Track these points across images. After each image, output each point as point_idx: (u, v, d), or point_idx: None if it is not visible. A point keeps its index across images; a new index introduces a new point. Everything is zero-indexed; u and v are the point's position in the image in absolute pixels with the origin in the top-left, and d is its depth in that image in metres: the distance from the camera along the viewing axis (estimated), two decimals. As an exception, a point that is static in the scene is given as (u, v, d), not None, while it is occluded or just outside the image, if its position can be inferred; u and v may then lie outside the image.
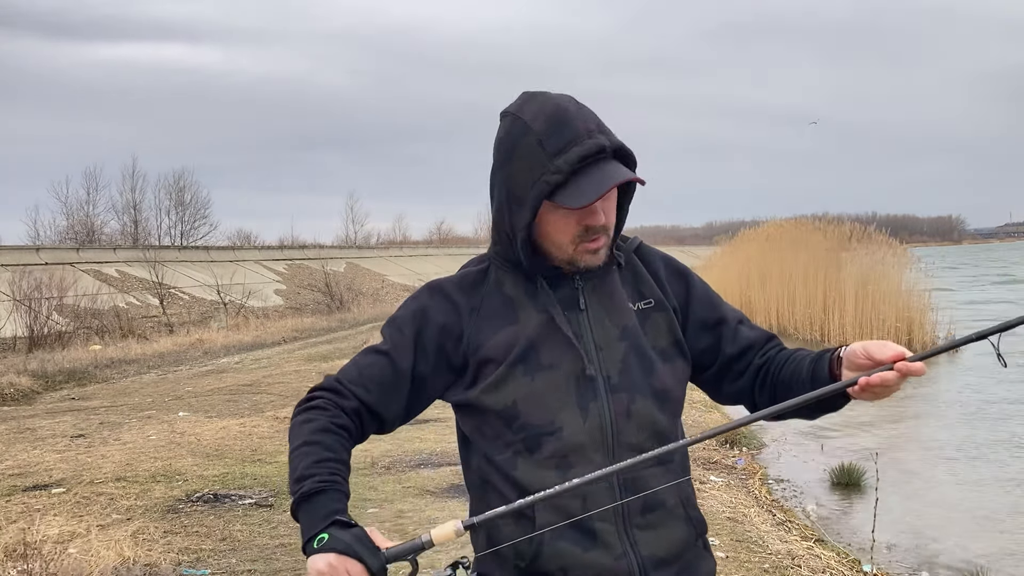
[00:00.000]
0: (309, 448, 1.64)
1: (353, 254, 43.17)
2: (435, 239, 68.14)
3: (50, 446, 8.46)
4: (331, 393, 1.72)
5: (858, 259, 18.76)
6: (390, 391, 1.74)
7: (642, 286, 1.79)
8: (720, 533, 5.62)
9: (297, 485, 1.60)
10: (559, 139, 1.61)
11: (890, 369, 1.55)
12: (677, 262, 1.88)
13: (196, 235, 42.54)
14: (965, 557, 5.91)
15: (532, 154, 1.62)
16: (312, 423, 1.68)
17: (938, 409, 10.88)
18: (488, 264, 1.79)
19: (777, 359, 1.79)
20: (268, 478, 7.03)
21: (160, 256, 26.93)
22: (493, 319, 1.72)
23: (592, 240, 1.67)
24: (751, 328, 1.85)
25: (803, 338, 18.72)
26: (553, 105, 1.65)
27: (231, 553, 5.27)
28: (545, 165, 1.61)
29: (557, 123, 1.62)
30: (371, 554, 1.51)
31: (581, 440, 1.66)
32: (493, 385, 1.69)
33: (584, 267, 1.70)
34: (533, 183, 1.62)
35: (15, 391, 12.96)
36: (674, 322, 1.78)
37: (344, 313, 28.46)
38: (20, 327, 18.62)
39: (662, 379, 1.74)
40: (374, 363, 1.74)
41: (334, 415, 1.69)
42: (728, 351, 1.81)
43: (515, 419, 1.68)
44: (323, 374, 1.85)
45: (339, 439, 1.67)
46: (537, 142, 1.62)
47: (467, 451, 1.81)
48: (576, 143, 1.61)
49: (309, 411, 1.71)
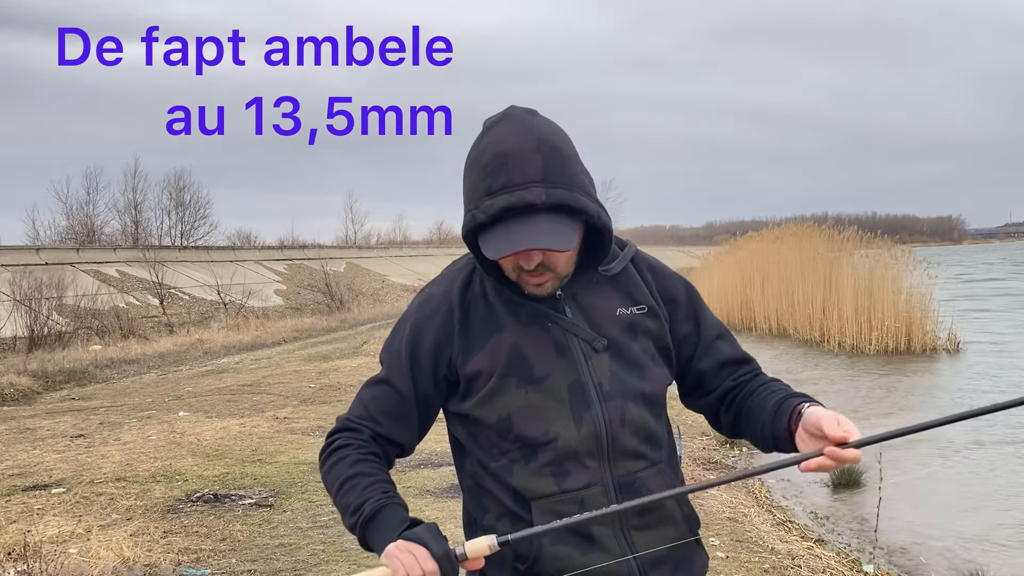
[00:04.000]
0: (352, 482, 1.71)
1: (353, 254, 43.17)
2: (435, 239, 68.13)
3: (50, 446, 8.46)
4: (346, 432, 1.79)
5: (858, 260, 18.74)
6: (399, 418, 1.77)
7: (636, 292, 1.79)
8: (720, 533, 5.62)
9: (355, 516, 1.67)
10: (495, 180, 1.59)
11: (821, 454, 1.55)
12: (670, 270, 1.88)
13: (196, 235, 42.54)
14: (965, 557, 5.91)
15: (473, 185, 1.63)
16: (343, 461, 1.74)
17: (939, 409, 10.87)
18: (473, 267, 1.78)
19: (748, 387, 1.81)
20: (268, 478, 7.03)
21: (160, 256, 26.93)
22: (479, 328, 1.72)
23: (534, 276, 1.66)
24: (730, 346, 1.86)
25: (803, 338, 18.73)
26: (510, 143, 1.60)
27: (231, 553, 5.27)
28: (478, 202, 1.61)
29: (501, 164, 1.59)
30: (436, 541, 1.57)
31: (576, 448, 1.68)
32: (486, 398, 1.70)
33: (529, 294, 1.70)
34: (467, 212, 1.64)
35: (15, 391, 12.96)
36: (664, 329, 1.79)
37: (344, 313, 28.46)
38: (20, 327, 18.62)
39: (652, 384, 1.76)
40: (378, 395, 1.78)
41: (359, 447, 1.75)
42: (701, 366, 1.82)
43: (509, 431, 1.69)
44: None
45: (374, 464, 1.74)
46: (480, 175, 1.61)
47: (460, 454, 1.82)
48: (507, 191, 1.58)
49: (334, 454, 1.77)
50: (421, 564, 1.54)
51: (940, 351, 16.07)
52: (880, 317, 16.54)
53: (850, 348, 16.86)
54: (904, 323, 16.38)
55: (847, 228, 20.84)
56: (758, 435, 1.75)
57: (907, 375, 13.73)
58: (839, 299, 17.63)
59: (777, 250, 21.59)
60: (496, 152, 1.60)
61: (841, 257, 19.07)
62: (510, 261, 1.65)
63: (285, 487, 6.75)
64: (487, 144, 1.63)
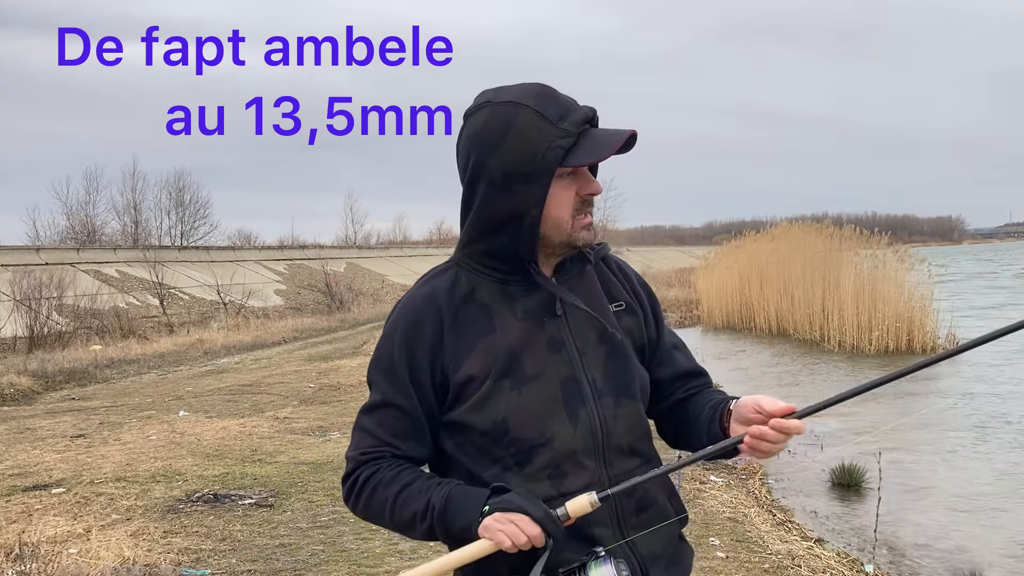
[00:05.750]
0: (402, 495, 1.63)
1: (353, 254, 43.18)
2: (435, 239, 68.08)
3: (50, 446, 8.46)
4: (365, 465, 1.69)
5: (858, 259, 18.73)
6: (412, 436, 1.70)
7: (613, 288, 1.79)
8: (720, 533, 5.62)
9: (427, 518, 1.60)
10: (557, 108, 1.61)
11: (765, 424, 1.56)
12: (636, 273, 1.89)
13: (196, 235, 42.55)
14: (965, 557, 5.91)
15: (533, 126, 1.59)
16: (380, 485, 1.66)
17: (939, 409, 10.87)
18: (455, 270, 1.72)
19: (694, 398, 1.82)
20: (268, 478, 7.02)
21: (160, 256, 26.95)
22: (469, 331, 1.66)
23: (586, 215, 1.67)
24: (686, 357, 1.87)
25: (803, 338, 18.72)
26: (534, 85, 1.65)
27: (231, 553, 5.27)
28: (552, 131, 1.59)
29: (548, 96, 1.62)
30: (533, 504, 1.54)
31: (573, 447, 1.65)
32: (479, 403, 1.64)
33: (583, 245, 1.68)
34: (543, 153, 1.59)
35: (15, 391, 12.96)
36: (641, 326, 1.79)
37: (344, 313, 28.47)
38: (20, 327, 18.63)
39: (642, 379, 1.77)
40: (382, 419, 1.69)
41: (387, 467, 1.67)
42: (657, 375, 1.83)
43: (504, 435, 1.65)
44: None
45: (413, 471, 1.67)
46: (536, 114, 1.60)
47: (443, 466, 1.73)
48: (573, 109, 1.62)
49: (365, 487, 1.68)
50: (525, 530, 1.51)
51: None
52: (880, 317, 16.53)
53: (850, 348, 16.85)
54: (904, 323, 16.38)
55: (846, 227, 20.87)
56: (697, 444, 1.75)
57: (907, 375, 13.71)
58: (839, 299, 17.61)
59: (777, 250, 21.57)
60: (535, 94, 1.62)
61: (841, 257, 19.06)
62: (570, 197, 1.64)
63: (285, 487, 6.75)
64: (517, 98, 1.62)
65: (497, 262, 1.68)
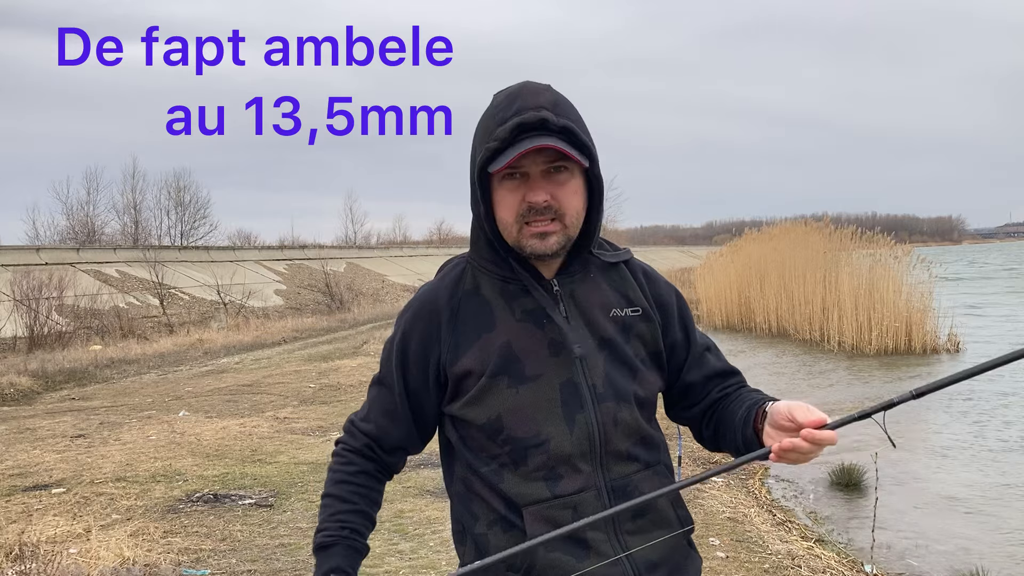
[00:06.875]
0: (326, 501, 1.78)
1: (353, 254, 43.19)
2: (435, 239, 68.13)
3: (50, 446, 8.46)
4: (346, 436, 1.82)
5: (858, 259, 18.72)
6: (393, 417, 1.77)
7: (631, 292, 1.77)
8: (720, 533, 5.62)
9: (315, 537, 1.75)
10: (507, 111, 1.60)
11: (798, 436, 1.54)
12: (663, 277, 1.87)
13: (196, 235, 42.57)
14: (965, 558, 5.90)
15: (482, 127, 1.64)
16: (332, 475, 1.80)
17: (939, 409, 10.87)
18: (465, 265, 1.76)
19: (730, 398, 1.80)
20: (268, 478, 7.02)
21: (160, 256, 26.96)
22: (469, 326, 1.68)
23: (536, 223, 1.61)
24: (717, 359, 1.85)
25: (803, 338, 18.72)
26: (517, 85, 1.65)
27: (231, 553, 5.27)
28: (489, 134, 1.60)
29: (511, 98, 1.61)
30: None
31: (568, 451, 1.64)
32: (476, 398, 1.66)
33: (531, 253, 1.63)
34: (476, 154, 1.62)
35: (15, 391, 12.97)
36: (657, 333, 1.77)
37: (344, 313, 28.47)
38: (20, 327, 18.63)
39: (644, 387, 1.74)
40: (377, 395, 1.79)
41: (347, 461, 1.80)
42: (690, 377, 1.81)
43: (499, 432, 1.65)
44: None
45: (352, 487, 1.77)
46: (489, 116, 1.63)
47: (450, 458, 1.78)
48: (519, 114, 1.58)
49: (333, 459, 1.83)
50: None
51: (940, 351, 16.07)
52: (880, 317, 16.52)
53: (850, 348, 16.85)
54: (904, 323, 16.37)
55: (845, 226, 20.86)
56: (732, 446, 1.74)
57: (907, 375, 13.72)
58: (839, 299, 17.60)
59: (777, 250, 21.57)
60: (508, 94, 1.63)
61: (841, 257, 19.05)
62: (515, 201, 1.61)
63: (285, 487, 6.75)
64: (496, 97, 1.66)
65: (494, 260, 1.70)
